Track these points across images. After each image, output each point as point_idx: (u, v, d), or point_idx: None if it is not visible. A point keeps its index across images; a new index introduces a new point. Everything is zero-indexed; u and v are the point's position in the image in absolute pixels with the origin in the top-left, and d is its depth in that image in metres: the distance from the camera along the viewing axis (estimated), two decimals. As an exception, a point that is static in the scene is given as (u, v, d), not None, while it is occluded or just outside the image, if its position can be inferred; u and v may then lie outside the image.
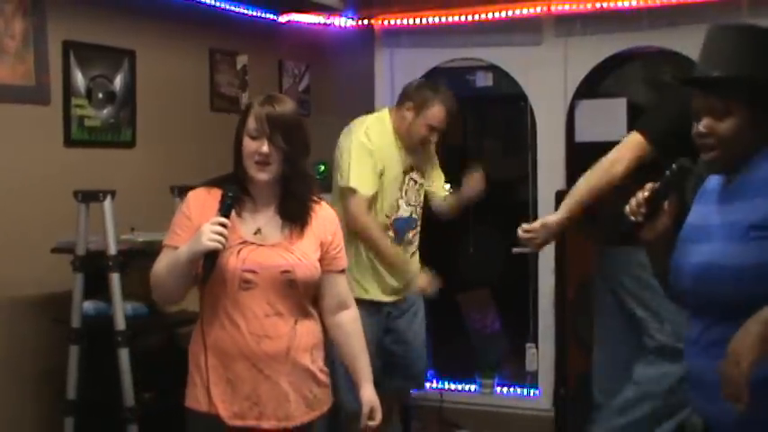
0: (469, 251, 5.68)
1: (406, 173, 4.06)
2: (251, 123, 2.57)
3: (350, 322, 2.84)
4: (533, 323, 5.18)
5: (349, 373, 2.85)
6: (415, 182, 4.11)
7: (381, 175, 3.94)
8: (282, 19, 5.19)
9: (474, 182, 4.11)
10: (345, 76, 5.50)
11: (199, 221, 2.53)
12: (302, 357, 2.66)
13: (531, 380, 5.22)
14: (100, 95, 4.05)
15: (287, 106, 2.63)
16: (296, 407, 2.64)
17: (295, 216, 2.66)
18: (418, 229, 4.16)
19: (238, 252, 2.56)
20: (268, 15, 5.06)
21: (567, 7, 4.95)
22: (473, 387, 5.33)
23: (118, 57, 4.13)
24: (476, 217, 5.38)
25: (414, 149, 4.06)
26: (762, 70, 2.14)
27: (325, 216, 2.76)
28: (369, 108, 5.39)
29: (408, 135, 4.00)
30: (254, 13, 4.94)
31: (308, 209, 2.70)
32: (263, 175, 2.58)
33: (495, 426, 5.11)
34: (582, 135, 5.09)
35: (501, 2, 5.04)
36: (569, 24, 5.01)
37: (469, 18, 5.13)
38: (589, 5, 4.88)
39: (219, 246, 2.45)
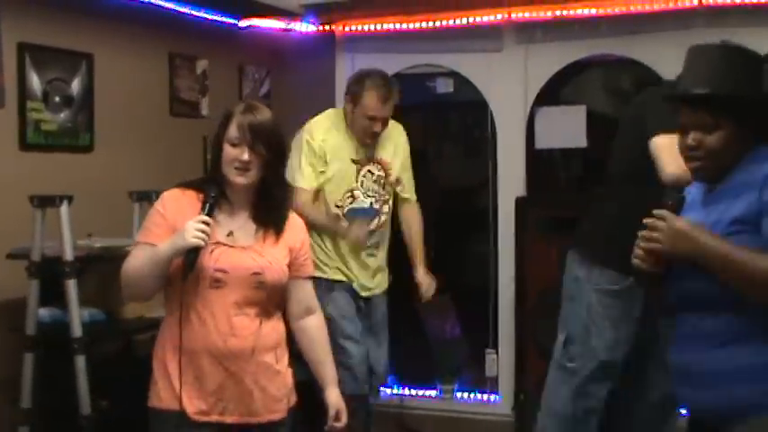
0: (429, 257, 5.68)
1: (362, 164, 4.12)
2: (232, 131, 2.68)
3: (315, 328, 2.95)
4: (493, 329, 5.19)
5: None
6: (373, 174, 4.16)
7: (325, 167, 4.04)
8: (243, 24, 5.16)
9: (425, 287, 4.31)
10: (306, 81, 5.49)
11: (174, 220, 2.65)
12: (266, 356, 2.75)
13: (491, 385, 5.23)
14: (57, 99, 4.00)
15: (267, 115, 2.75)
16: (260, 404, 2.73)
17: (268, 222, 2.77)
18: (383, 219, 4.21)
19: (211, 252, 2.64)
20: (228, 20, 5.03)
21: (527, 15, 4.96)
22: (433, 393, 5.32)
23: (75, 60, 4.08)
24: (436, 223, 5.39)
25: (364, 141, 4.11)
26: (746, 87, 2.30)
27: (294, 224, 2.88)
28: (329, 113, 5.40)
29: (353, 127, 4.09)
30: (215, 18, 4.91)
31: (282, 216, 2.81)
32: (242, 180, 2.68)
33: (455, 431, 5.12)
34: (542, 142, 5.11)
35: (462, 9, 5.05)
36: (530, 32, 5.04)
37: (430, 24, 5.14)
38: (549, 13, 4.91)
39: (202, 243, 2.55)
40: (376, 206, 4.16)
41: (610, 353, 3.48)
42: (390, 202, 4.26)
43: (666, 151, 3.11)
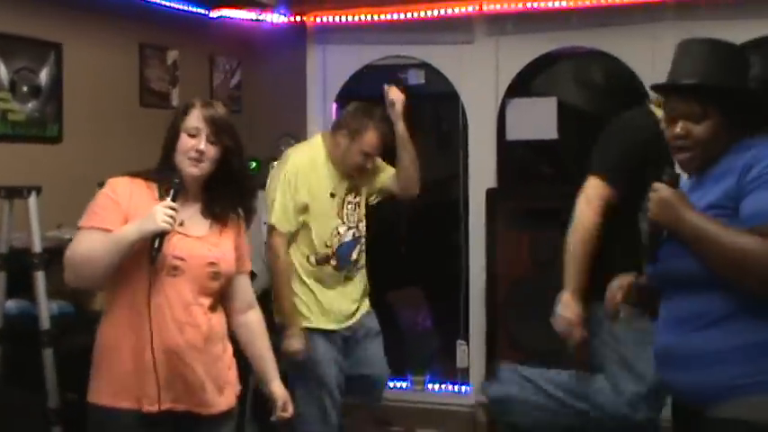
0: (401, 249, 5.69)
1: (343, 198, 3.99)
2: (192, 122, 2.73)
3: (256, 322, 2.99)
4: (464, 321, 5.21)
5: None
6: (351, 203, 4.03)
7: (307, 209, 3.88)
8: (214, 14, 5.13)
9: (393, 93, 4.06)
10: (277, 72, 5.47)
11: (128, 207, 2.66)
12: (216, 347, 2.79)
13: (462, 376, 5.25)
14: (24, 89, 3.96)
15: (226, 112, 2.81)
16: (211, 396, 2.76)
17: (219, 214, 2.81)
18: (363, 244, 4.08)
19: (169, 239, 2.65)
20: (199, 10, 5.00)
21: (498, 7, 4.98)
22: (405, 384, 5.34)
23: (43, 49, 4.04)
24: (407, 215, 5.40)
25: (349, 175, 3.99)
26: (733, 78, 2.40)
27: (238, 220, 2.93)
28: (300, 105, 5.39)
29: (343, 161, 3.93)
30: (185, 8, 4.87)
31: (232, 210, 2.85)
32: (195, 171, 2.71)
33: (426, 422, 5.13)
34: (513, 133, 5.13)
35: (433, 0, 5.05)
36: (501, 23, 5.05)
37: (402, 16, 5.13)
38: (520, 5, 4.92)
39: (171, 228, 2.58)
40: (357, 234, 4.03)
41: (650, 376, 3.30)
42: (364, 218, 4.10)
43: (582, 200, 3.33)
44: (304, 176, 3.90)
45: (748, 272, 2.20)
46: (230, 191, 2.82)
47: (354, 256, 4.02)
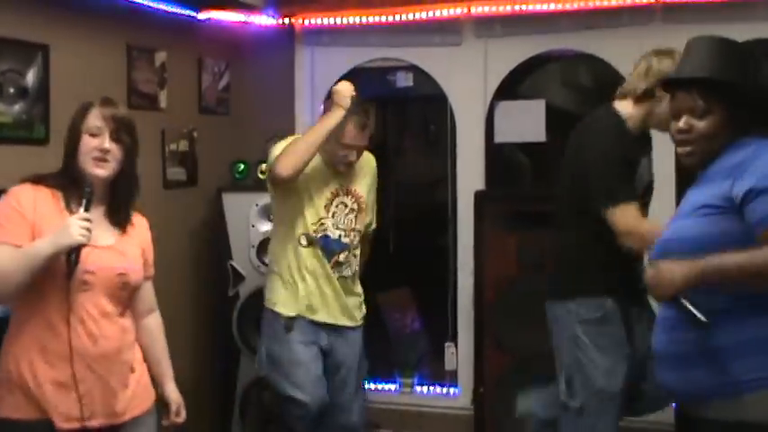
0: (389, 251, 5.69)
1: (334, 194, 3.98)
2: (93, 121, 2.69)
3: (156, 326, 3.03)
4: (452, 323, 5.21)
5: None
6: (346, 206, 4.02)
7: (306, 184, 3.90)
8: (202, 16, 5.11)
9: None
10: (265, 74, 5.46)
11: (33, 218, 2.60)
12: (128, 355, 2.79)
13: (450, 379, 5.25)
14: (11, 91, 3.93)
15: (125, 110, 2.81)
16: (123, 404, 2.75)
17: (122, 220, 2.79)
18: (352, 253, 4.04)
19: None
20: (187, 12, 4.98)
21: (486, 9, 4.98)
22: (393, 386, 5.34)
23: (30, 51, 4.02)
24: (395, 217, 5.40)
25: (337, 168, 3.98)
26: (737, 75, 2.44)
27: (141, 224, 2.92)
28: (289, 107, 5.38)
29: (328, 155, 3.94)
30: (173, 10, 4.86)
31: (131, 214, 2.84)
32: (101, 171, 2.68)
33: (415, 425, 5.13)
34: (501, 136, 5.13)
35: (421, 2, 5.06)
36: (489, 26, 5.05)
37: (390, 18, 5.13)
38: (509, 8, 4.92)
39: (87, 240, 2.54)
40: (345, 240, 4.00)
41: (607, 381, 3.40)
42: (360, 234, 4.08)
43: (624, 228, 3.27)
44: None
45: None
46: (131, 193, 2.80)
47: (339, 257, 4.00)
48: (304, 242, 3.94)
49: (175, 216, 4.85)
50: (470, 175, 5.11)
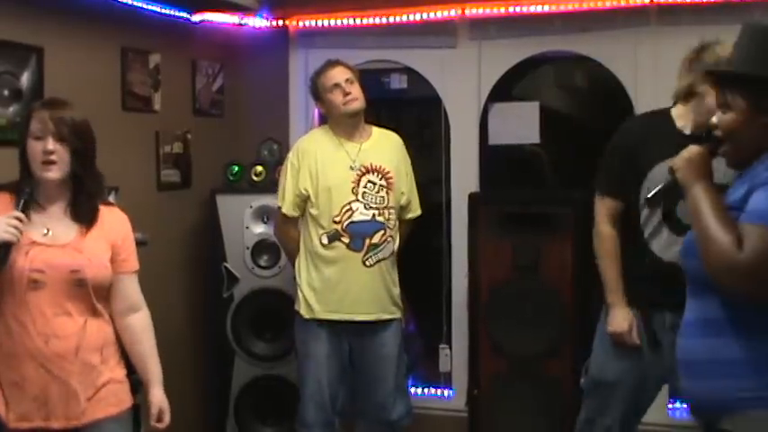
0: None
1: (359, 174, 4.01)
2: (34, 125, 2.67)
3: (139, 324, 2.92)
4: (447, 324, 5.21)
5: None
6: (375, 184, 4.04)
7: (315, 183, 3.97)
8: (196, 18, 5.11)
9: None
10: (260, 76, 5.46)
11: None
12: (92, 356, 2.73)
13: (444, 380, 5.25)
14: (5, 93, 3.93)
15: (69, 107, 2.75)
16: (86, 405, 2.70)
17: (85, 216, 2.75)
18: (389, 233, 4.05)
19: (26, 253, 2.62)
20: (181, 14, 4.98)
21: (480, 11, 4.99)
22: (387, 388, 5.33)
23: (25, 53, 4.01)
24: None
25: (353, 130, 4.07)
26: (759, 67, 2.28)
27: (115, 219, 2.87)
28: (283, 109, 5.38)
29: (337, 115, 4.05)
30: (167, 12, 4.86)
31: (97, 209, 2.79)
32: (50, 174, 2.67)
33: (409, 426, 5.12)
34: (495, 138, 5.14)
35: (416, 5, 5.06)
36: (483, 28, 5.06)
37: (384, 20, 5.14)
38: (503, 10, 4.93)
39: (15, 238, 2.53)
40: (379, 219, 4.01)
41: (598, 370, 3.53)
42: (395, 211, 4.11)
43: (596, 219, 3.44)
44: (310, 152, 4.02)
45: (706, 259, 2.20)
46: (90, 189, 2.76)
47: (374, 240, 3.99)
48: (325, 241, 3.97)
49: (169, 218, 4.84)
50: (464, 176, 5.11)
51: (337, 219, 3.95)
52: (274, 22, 5.32)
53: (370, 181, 4.02)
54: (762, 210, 2.16)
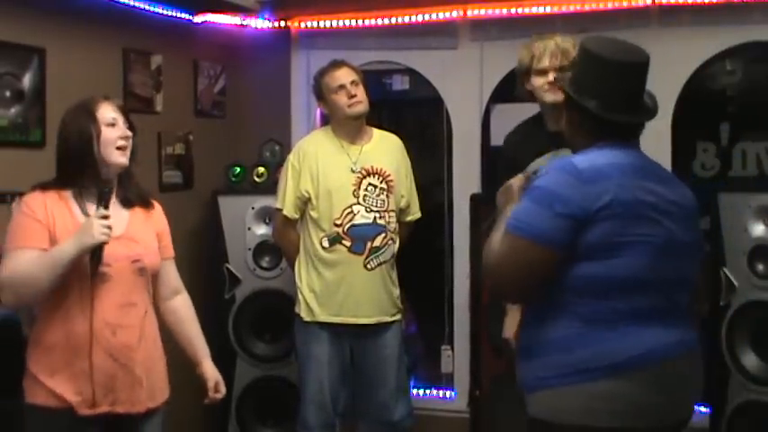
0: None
1: (360, 177, 4.01)
2: (106, 114, 2.81)
3: (183, 307, 3.10)
4: (449, 326, 5.21)
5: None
6: (375, 186, 4.04)
7: (316, 185, 3.98)
8: (198, 19, 5.11)
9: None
10: (261, 77, 5.46)
11: (48, 223, 2.69)
12: (151, 345, 2.87)
13: (446, 381, 5.25)
14: (7, 94, 3.93)
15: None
16: (147, 394, 2.82)
17: (135, 201, 2.89)
18: (390, 236, 4.07)
19: None
20: (183, 15, 4.99)
21: (482, 12, 4.99)
22: (389, 389, 5.33)
23: (26, 54, 4.02)
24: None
25: (355, 132, 4.06)
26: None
27: (158, 209, 3.03)
28: (285, 110, 5.38)
29: (340, 116, 4.03)
30: (169, 13, 4.86)
31: (146, 195, 2.96)
32: (124, 159, 2.81)
33: (411, 427, 5.12)
34: (497, 139, 5.11)
35: (418, 6, 5.06)
36: (485, 29, 5.06)
37: (386, 21, 5.14)
38: (504, 11, 4.94)
39: (108, 238, 2.63)
40: (381, 222, 4.03)
41: None
42: (395, 214, 4.12)
43: None
44: (311, 153, 4.02)
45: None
46: (134, 173, 2.91)
47: (375, 243, 4.00)
48: (326, 244, 3.97)
49: (171, 219, 4.80)
50: (466, 177, 5.11)
51: (338, 222, 3.96)
52: (276, 24, 5.32)
53: (370, 184, 4.03)
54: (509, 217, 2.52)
